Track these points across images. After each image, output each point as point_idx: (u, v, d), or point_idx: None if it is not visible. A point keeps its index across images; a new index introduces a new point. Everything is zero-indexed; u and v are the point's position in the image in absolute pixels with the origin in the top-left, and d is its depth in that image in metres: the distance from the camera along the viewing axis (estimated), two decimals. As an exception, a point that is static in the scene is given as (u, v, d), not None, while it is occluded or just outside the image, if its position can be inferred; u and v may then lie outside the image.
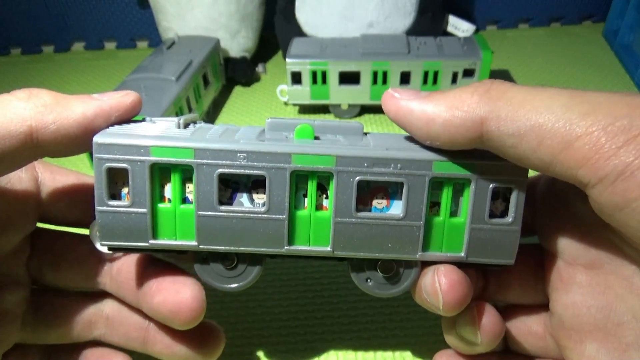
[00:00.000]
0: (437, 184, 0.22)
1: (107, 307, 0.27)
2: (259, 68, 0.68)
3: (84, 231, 0.26)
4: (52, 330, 0.26)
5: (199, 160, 0.21)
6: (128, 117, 0.23)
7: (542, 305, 0.25)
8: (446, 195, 0.22)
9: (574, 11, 0.78)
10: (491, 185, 0.22)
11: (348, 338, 0.31)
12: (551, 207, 0.23)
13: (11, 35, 0.78)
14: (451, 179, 0.22)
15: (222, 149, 0.21)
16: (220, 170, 0.21)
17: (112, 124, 0.22)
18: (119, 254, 0.26)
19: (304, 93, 0.55)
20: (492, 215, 0.22)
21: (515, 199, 0.22)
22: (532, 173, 0.22)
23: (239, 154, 0.21)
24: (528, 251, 0.24)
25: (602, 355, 0.21)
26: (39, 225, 0.26)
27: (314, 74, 0.54)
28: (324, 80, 0.54)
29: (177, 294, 0.23)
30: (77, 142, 0.22)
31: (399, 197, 0.22)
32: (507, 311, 0.26)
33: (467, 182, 0.22)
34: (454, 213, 0.23)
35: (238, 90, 0.65)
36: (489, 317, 0.23)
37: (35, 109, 0.21)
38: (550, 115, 0.18)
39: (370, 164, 0.21)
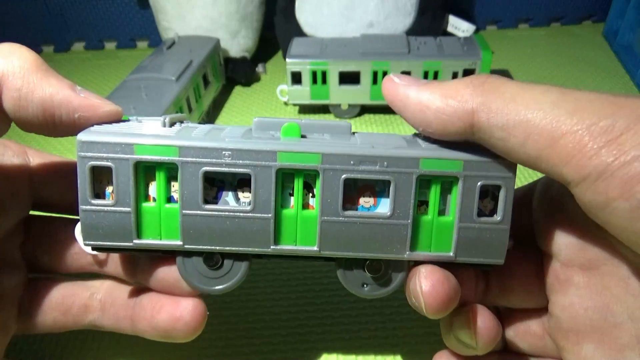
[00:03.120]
0: (424, 182, 0.22)
1: (100, 290, 0.26)
2: (259, 68, 0.68)
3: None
4: (49, 317, 0.26)
5: (183, 159, 0.21)
6: (97, 123, 0.23)
7: (542, 307, 0.25)
8: (434, 194, 0.22)
9: (574, 11, 0.78)
10: (479, 183, 0.21)
11: (348, 338, 0.31)
12: (548, 210, 0.23)
13: (11, 35, 0.77)
14: (439, 177, 0.22)
15: (207, 146, 0.21)
16: (205, 168, 0.21)
17: (78, 123, 0.22)
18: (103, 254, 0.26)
19: (304, 93, 0.55)
20: (480, 214, 0.22)
21: (504, 197, 0.22)
22: (528, 179, 0.22)
23: (224, 152, 0.21)
24: (530, 255, 0.24)
25: (598, 356, 0.21)
26: (34, 213, 0.26)
27: (314, 74, 0.54)
28: (324, 80, 0.54)
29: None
30: (35, 120, 0.21)
31: (386, 196, 0.22)
32: (507, 311, 0.26)
33: (455, 179, 0.22)
34: (442, 212, 0.22)
35: (238, 90, 0.65)
36: (485, 320, 0.23)
37: (8, 67, 0.20)
38: (538, 112, 0.18)
39: (356, 161, 0.21)
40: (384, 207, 0.22)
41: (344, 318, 0.33)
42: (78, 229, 0.24)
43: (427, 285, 0.21)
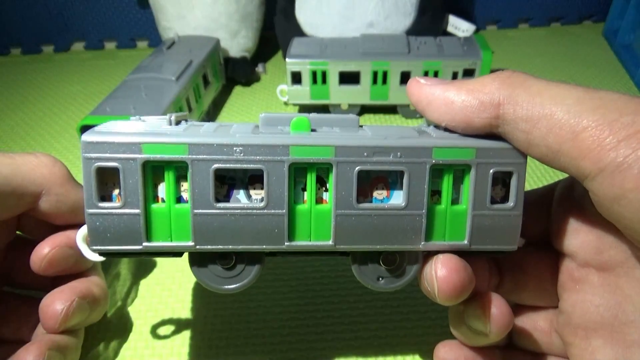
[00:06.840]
0: (437, 172, 0.22)
1: None
2: (259, 68, 0.68)
3: None
4: (4, 328, 0.28)
5: (193, 156, 0.20)
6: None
7: (552, 305, 0.25)
8: (447, 183, 0.22)
9: (574, 11, 0.78)
10: (491, 170, 0.21)
11: (348, 338, 0.31)
12: (567, 212, 0.23)
13: (11, 35, 0.78)
14: (451, 166, 0.22)
15: (218, 143, 0.20)
16: (216, 165, 0.21)
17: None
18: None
19: (304, 93, 0.55)
20: (492, 201, 0.22)
21: (516, 183, 0.22)
22: (546, 180, 0.22)
23: (235, 148, 0.21)
24: (545, 254, 0.25)
25: (606, 351, 0.21)
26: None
27: (314, 74, 0.54)
28: (324, 80, 0.54)
29: None
30: (62, 218, 0.26)
31: (399, 188, 0.22)
32: (515, 307, 0.26)
33: (467, 167, 0.22)
34: (455, 201, 0.22)
35: (238, 90, 0.65)
36: (499, 307, 0.23)
37: (52, 177, 0.25)
38: (563, 106, 0.19)
39: (370, 153, 0.21)
40: (398, 198, 0.22)
41: (344, 318, 0.33)
42: (80, 235, 0.23)
43: (442, 272, 0.21)
